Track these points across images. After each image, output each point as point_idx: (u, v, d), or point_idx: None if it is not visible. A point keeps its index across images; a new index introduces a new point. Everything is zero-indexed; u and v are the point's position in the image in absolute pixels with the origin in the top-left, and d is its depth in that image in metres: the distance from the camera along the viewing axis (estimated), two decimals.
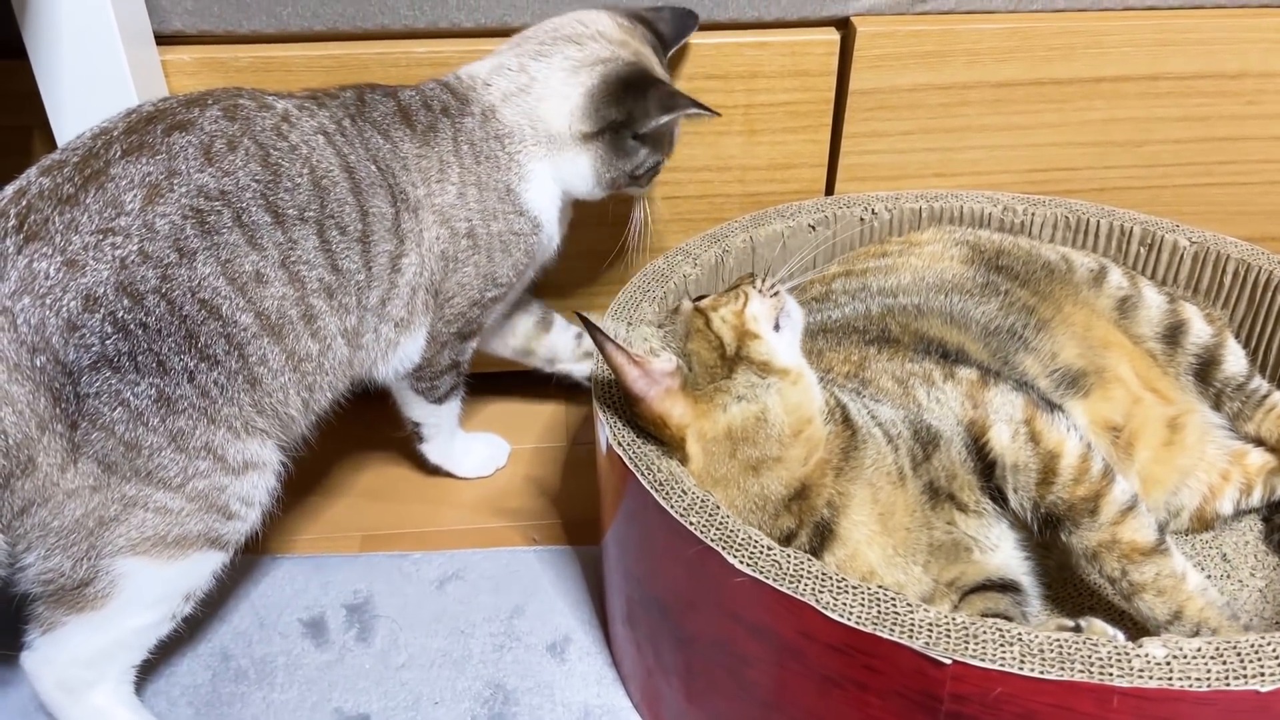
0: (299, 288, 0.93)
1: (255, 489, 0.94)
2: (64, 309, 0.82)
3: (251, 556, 1.14)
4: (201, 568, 0.93)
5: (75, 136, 0.92)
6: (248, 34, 1.16)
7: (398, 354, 1.07)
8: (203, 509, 0.90)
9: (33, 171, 0.88)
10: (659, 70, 1.11)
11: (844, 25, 1.21)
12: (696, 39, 1.19)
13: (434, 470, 1.28)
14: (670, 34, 1.15)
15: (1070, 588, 0.98)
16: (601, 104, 1.07)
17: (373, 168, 1.00)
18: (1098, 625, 0.70)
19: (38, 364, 0.81)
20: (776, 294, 0.89)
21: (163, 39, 1.15)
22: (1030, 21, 1.21)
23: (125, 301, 0.84)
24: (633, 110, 1.06)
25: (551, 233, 1.13)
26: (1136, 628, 0.84)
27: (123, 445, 0.85)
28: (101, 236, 0.84)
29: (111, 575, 0.87)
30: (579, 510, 1.24)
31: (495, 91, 1.08)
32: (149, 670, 1.01)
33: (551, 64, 1.08)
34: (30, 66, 1.06)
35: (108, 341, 0.83)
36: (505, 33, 1.18)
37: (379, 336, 1.02)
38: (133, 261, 0.84)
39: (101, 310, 0.83)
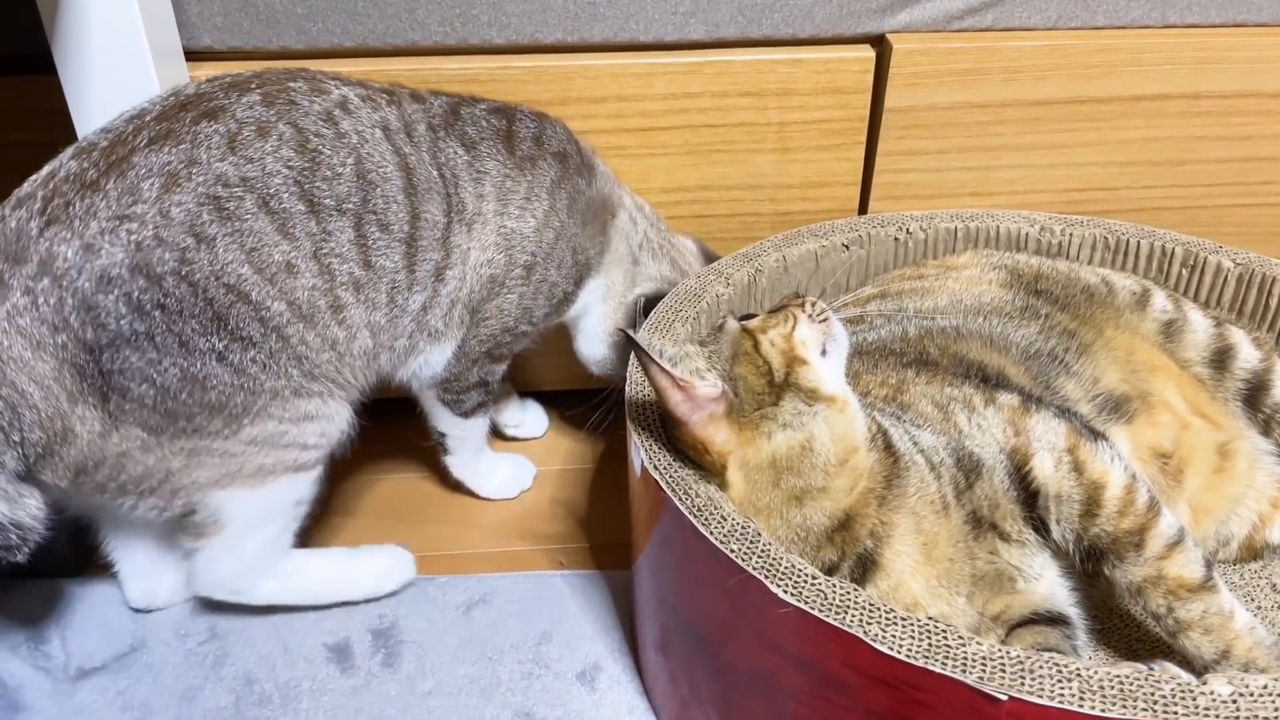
0: (328, 279, 0.93)
1: (323, 434, 0.97)
2: (79, 289, 0.84)
3: None
4: (294, 487, 0.98)
5: (116, 115, 0.93)
6: (277, 50, 1.15)
7: (419, 360, 1.07)
8: (268, 448, 0.93)
9: (66, 154, 0.90)
10: None
11: (879, 42, 1.20)
12: (731, 55, 1.18)
13: (456, 486, 1.26)
14: None
15: (1117, 619, 0.95)
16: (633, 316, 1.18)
17: (434, 174, 1.00)
18: (1171, 669, 0.67)
19: (59, 341, 0.84)
20: (826, 319, 0.86)
21: (192, 55, 1.14)
22: (1069, 39, 1.19)
23: (140, 282, 0.85)
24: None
25: (568, 318, 1.19)
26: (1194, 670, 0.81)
27: (158, 414, 0.88)
28: (118, 222, 0.85)
29: (209, 506, 0.94)
30: (607, 534, 1.21)
31: (623, 216, 1.16)
32: (170, 693, 0.99)
33: (650, 266, 1.19)
34: (59, 82, 1.06)
35: (123, 321, 0.85)
36: (537, 49, 1.17)
37: (412, 343, 1.03)
38: (148, 245, 0.86)
39: (116, 290, 0.85)
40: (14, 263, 0.84)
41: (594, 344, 1.20)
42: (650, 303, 1.15)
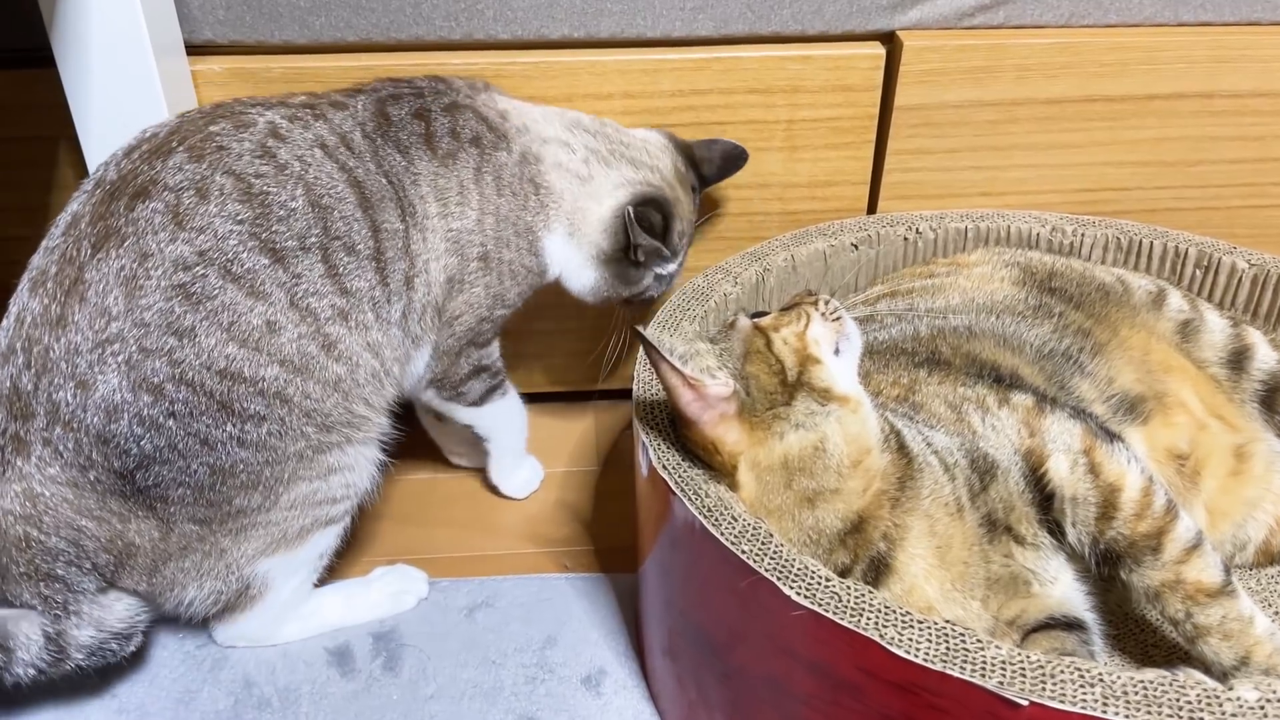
0: (312, 321, 0.91)
1: (349, 484, 0.98)
2: (90, 426, 0.85)
3: None
4: (324, 540, 1.00)
5: (53, 224, 0.92)
6: (279, 44, 1.14)
7: (411, 367, 1.06)
8: (305, 508, 0.95)
9: (23, 292, 0.89)
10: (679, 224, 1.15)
11: (889, 39, 1.18)
12: (739, 52, 1.16)
13: (456, 486, 1.25)
14: (712, 176, 1.19)
15: (1132, 623, 0.93)
16: (621, 229, 1.10)
17: (383, 181, 0.98)
18: (1196, 675, 0.65)
19: (92, 478, 0.87)
20: (839, 318, 0.85)
21: (193, 49, 1.13)
22: (1082, 37, 1.18)
23: (146, 398, 0.86)
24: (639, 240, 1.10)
25: (552, 278, 1.14)
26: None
27: (203, 507, 0.90)
28: (101, 350, 0.85)
29: (258, 576, 0.97)
30: (612, 536, 1.20)
31: (549, 154, 1.09)
32: (168, 696, 0.97)
33: (611, 174, 1.11)
34: (58, 76, 1.04)
35: (142, 442, 0.86)
36: (543, 45, 1.16)
37: (405, 351, 1.02)
38: (137, 360, 0.85)
39: (125, 415, 0.86)
40: (24, 419, 0.86)
41: (580, 277, 1.13)
42: (638, 208, 1.09)
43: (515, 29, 1.14)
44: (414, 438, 1.22)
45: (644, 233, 1.09)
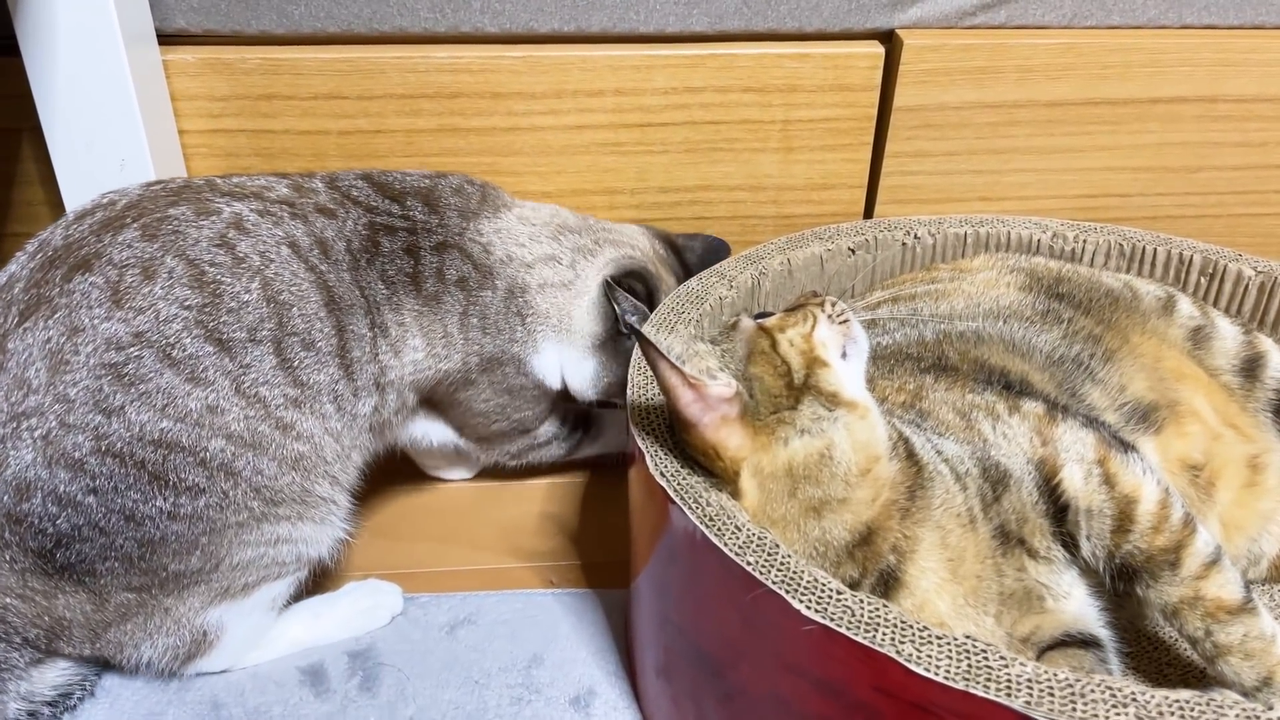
0: (262, 407, 0.87)
1: (299, 555, 0.94)
2: (1, 505, 0.80)
3: None
4: (277, 589, 0.95)
5: None
6: (256, 34, 1.10)
7: (398, 434, 1.05)
8: (249, 569, 0.90)
9: None
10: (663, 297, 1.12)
11: (889, 38, 1.16)
12: (734, 49, 1.13)
13: (440, 507, 1.21)
14: (696, 266, 1.17)
15: (1145, 640, 0.90)
16: (608, 305, 1.09)
17: (357, 293, 0.95)
18: (1233, 696, 0.62)
19: (8, 557, 0.82)
20: (846, 320, 0.81)
21: (165, 38, 1.09)
22: (1085, 38, 1.16)
23: (62, 474, 0.80)
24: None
25: (556, 387, 1.12)
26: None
27: (136, 575, 0.85)
28: (16, 423, 0.80)
29: (211, 623, 0.92)
30: (600, 550, 1.15)
31: (534, 278, 1.07)
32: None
33: (594, 262, 1.09)
34: (22, 65, 1.00)
35: (58, 521, 0.81)
36: (532, 39, 1.12)
37: (392, 425, 1.02)
38: (55, 435, 0.80)
39: (38, 494, 0.80)
40: None
41: (581, 372, 1.11)
42: (620, 278, 1.08)
43: (503, 22, 1.10)
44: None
45: (628, 296, 1.08)
